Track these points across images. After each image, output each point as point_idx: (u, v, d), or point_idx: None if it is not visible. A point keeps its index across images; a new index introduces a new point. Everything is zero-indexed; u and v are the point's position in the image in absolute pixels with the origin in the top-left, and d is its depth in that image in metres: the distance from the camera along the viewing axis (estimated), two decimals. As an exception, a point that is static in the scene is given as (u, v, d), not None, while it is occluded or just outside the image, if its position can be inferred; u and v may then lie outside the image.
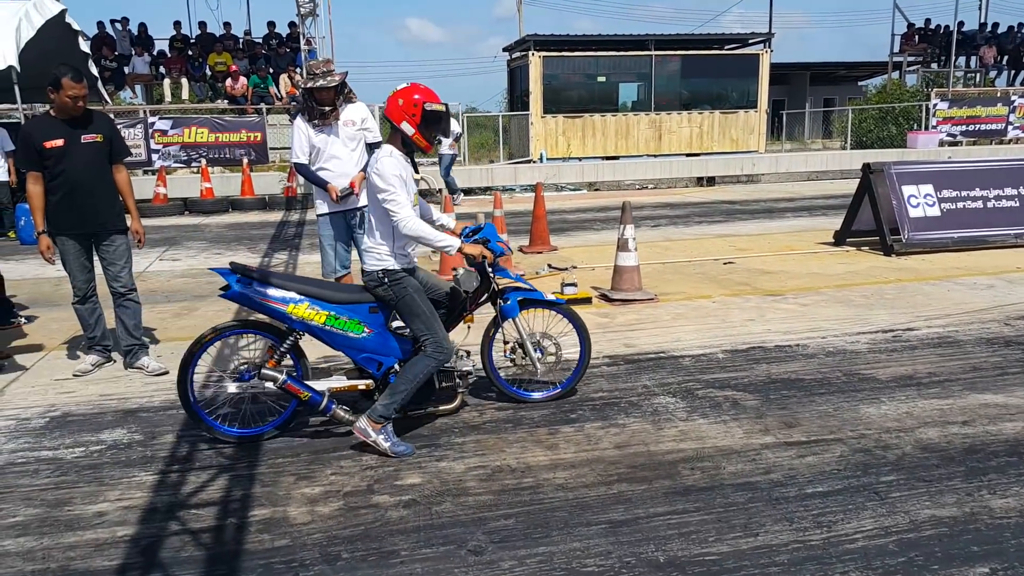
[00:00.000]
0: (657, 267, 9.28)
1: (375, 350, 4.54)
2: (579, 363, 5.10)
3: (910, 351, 5.95)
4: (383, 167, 4.32)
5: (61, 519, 3.67)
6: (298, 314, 4.37)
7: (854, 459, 4.16)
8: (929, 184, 10.18)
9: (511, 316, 4.85)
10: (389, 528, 3.56)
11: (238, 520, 3.65)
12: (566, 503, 3.75)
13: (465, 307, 4.78)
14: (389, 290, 4.44)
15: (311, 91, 6.08)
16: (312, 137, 6.23)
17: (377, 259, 4.44)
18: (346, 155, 6.29)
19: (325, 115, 6.16)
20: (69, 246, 5.65)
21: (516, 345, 4.98)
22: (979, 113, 25.10)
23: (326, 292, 4.48)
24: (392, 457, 4.28)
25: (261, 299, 4.35)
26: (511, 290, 4.89)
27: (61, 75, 5.38)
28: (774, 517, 3.59)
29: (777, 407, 4.88)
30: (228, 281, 4.36)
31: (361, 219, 6.41)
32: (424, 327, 4.46)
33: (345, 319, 4.44)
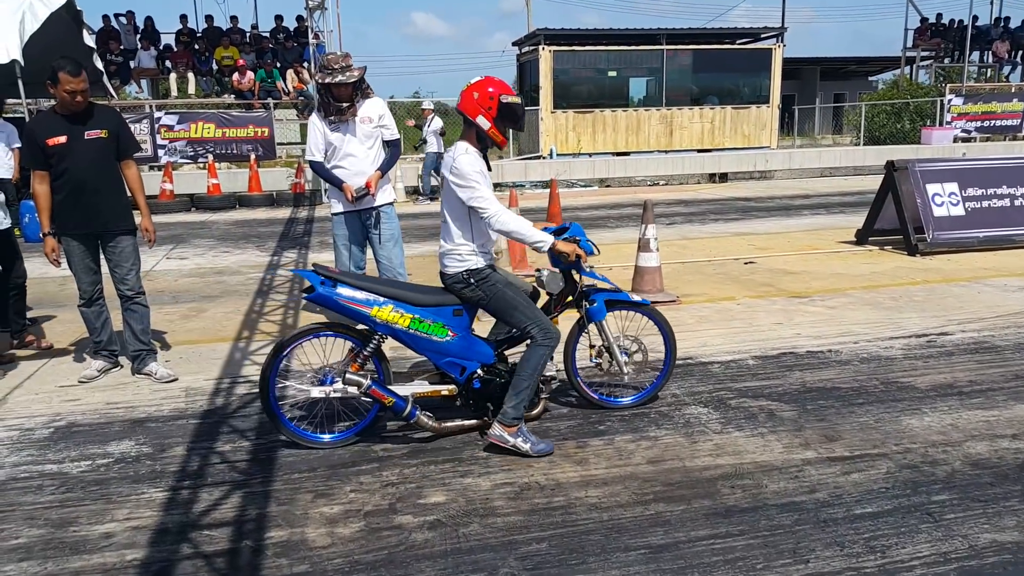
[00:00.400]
0: (676, 267, 9.05)
1: (459, 354, 4.37)
2: (664, 366, 4.91)
3: (947, 357, 5.72)
4: (462, 165, 4.13)
5: (66, 541, 3.46)
6: (382, 317, 4.20)
7: (902, 476, 3.93)
8: (954, 182, 9.93)
9: (598, 319, 4.66)
10: (414, 553, 3.35)
11: (254, 543, 3.44)
12: (601, 525, 3.53)
13: (549, 310, 4.59)
14: (477, 290, 4.28)
15: (328, 87, 5.88)
16: (328, 134, 6.06)
17: (459, 260, 4.27)
18: (362, 153, 6.12)
19: (342, 112, 5.98)
20: (74, 247, 5.44)
21: (603, 349, 4.78)
22: (994, 109, 24.78)
23: (410, 294, 4.30)
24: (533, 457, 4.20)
25: (345, 302, 4.18)
26: (596, 291, 4.71)
27: (58, 68, 5.11)
28: (824, 541, 3.36)
29: (815, 419, 4.66)
30: (312, 283, 4.18)
31: (376, 219, 6.25)
32: (526, 316, 4.29)
33: (429, 322, 4.27)
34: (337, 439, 4.40)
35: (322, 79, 5.91)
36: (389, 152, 6.33)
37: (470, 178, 4.12)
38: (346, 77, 5.85)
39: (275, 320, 7.21)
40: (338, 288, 4.19)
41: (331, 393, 4.26)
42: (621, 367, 4.77)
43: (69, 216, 5.39)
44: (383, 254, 6.31)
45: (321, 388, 4.28)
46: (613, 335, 4.75)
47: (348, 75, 5.85)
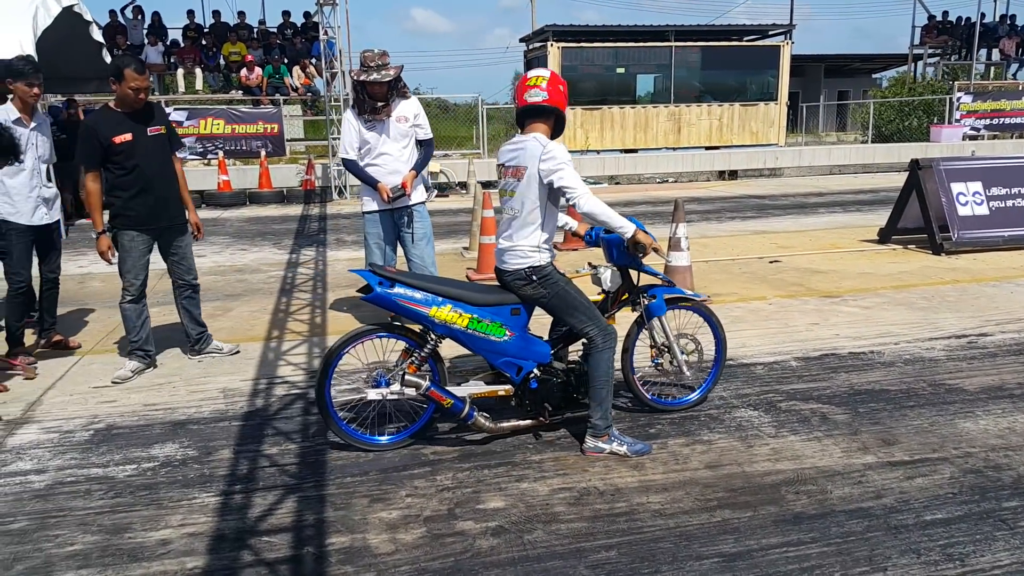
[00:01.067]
0: (701, 266, 8.96)
1: (516, 354, 4.29)
2: (715, 365, 4.86)
3: (991, 359, 5.65)
4: (556, 150, 4.02)
5: (123, 548, 3.38)
6: (441, 317, 4.12)
7: (967, 481, 3.86)
8: (978, 181, 9.86)
9: (658, 315, 4.59)
10: (482, 560, 3.27)
11: (316, 549, 3.36)
12: (668, 532, 3.45)
13: (606, 308, 4.51)
14: (540, 287, 4.17)
15: (364, 84, 5.81)
16: (363, 132, 6.01)
17: (521, 256, 4.16)
18: (397, 152, 6.07)
19: (377, 110, 5.92)
20: (138, 242, 5.51)
21: (663, 348, 4.69)
22: (1003, 106, 24.73)
23: (467, 293, 4.21)
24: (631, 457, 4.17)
25: (404, 302, 4.10)
26: (653, 287, 4.63)
27: (124, 66, 5.22)
28: (899, 548, 3.29)
29: (869, 422, 4.58)
30: (370, 283, 4.09)
31: (409, 218, 6.18)
32: (587, 318, 4.22)
33: (487, 322, 4.19)
34: (394, 440, 4.33)
35: (357, 76, 5.86)
36: (423, 151, 6.28)
37: (563, 159, 4.02)
38: (381, 76, 5.80)
39: (303, 319, 7.12)
40: (396, 288, 4.11)
41: (388, 395, 4.18)
42: (682, 366, 4.67)
43: (139, 213, 5.46)
44: (415, 253, 6.26)
45: (378, 390, 4.19)
46: (671, 333, 4.67)
47: (384, 73, 5.81)
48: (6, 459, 4.26)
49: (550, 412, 4.36)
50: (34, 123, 5.93)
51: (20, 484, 3.97)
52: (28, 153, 5.89)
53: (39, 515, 3.66)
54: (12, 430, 4.67)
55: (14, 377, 5.55)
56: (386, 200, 5.96)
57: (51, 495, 3.85)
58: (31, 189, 5.90)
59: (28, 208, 5.88)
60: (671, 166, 22.08)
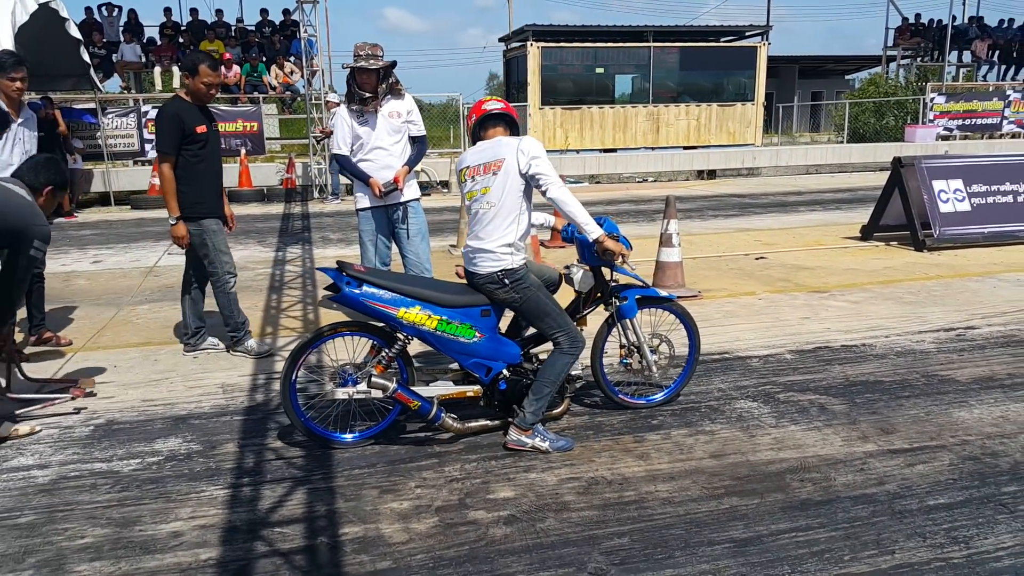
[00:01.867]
0: (689, 263, 8.97)
1: (486, 355, 4.27)
2: (688, 364, 4.86)
3: (980, 351, 5.75)
4: (532, 139, 4.11)
5: (135, 540, 3.37)
6: (409, 319, 4.08)
7: (966, 468, 3.94)
8: (959, 179, 10.01)
9: (630, 316, 4.57)
10: (496, 548, 3.29)
11: (330, 540, 3.37)
12: (679, 519, 3.49)
13: (579, 308, 4.52)
14: (512, 292, 4.15)
15: (354, 73, 5.88)
16: (355, 127, 6.00)
17: (493, 259, 4.13)
18: (389, 147, 6.06)
19: (365, 101, 5.90)
20: (218, 228, 5.71)
21: (633, 348, 4.67)
22: (975, 108, 25.06)
23: (437, 294, 4.18)
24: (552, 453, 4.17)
25: (371, 303, 4.05)
26: (626, 287, 4.62)
27: (199, 61, 5.34)
28: (905, 532, 3.35)
29: (867, 412, 4.65)
30: (337, 283, 4.05)
31: (404, 214, 6.17)
32: (556, 323, 4.21)
33: (457, 324, 4.16)
34: (358, 439, 4.29)
35: (349, 65, 5.90)
36: (416, 147, 6.26)
37: (542, 151, 4.08)
38: (369, 64, 5.77)
39: (296, 316, 7.10)
40: (364, 288, 4.06)
41: (355, 395, 4.14)
42: (651, 366, 4.65)
43: (211, 201, 5.66)
44: (411, 249, 6.24)
45: (344, 390, 4.14)
46: (643, 334, 4.67)
47: (371, 62, 5.78)
48: (7, 454, 4.22)
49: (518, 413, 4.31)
50: (21, 118, 5.87)
51: (24, 479, 3.93)
52: (15, 148, 5.84)
53: (46, 509, 3.63)
54: (11, 425, 4.62)
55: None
56: (377, 195, 5.94)
57: (56, 489, 3.83)
58: None
59: None
60: (650, 165, 22.20)
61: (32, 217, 4.27)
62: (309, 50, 18.59)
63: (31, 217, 4.26)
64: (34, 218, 4.28)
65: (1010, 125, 25.40)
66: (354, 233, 12.56)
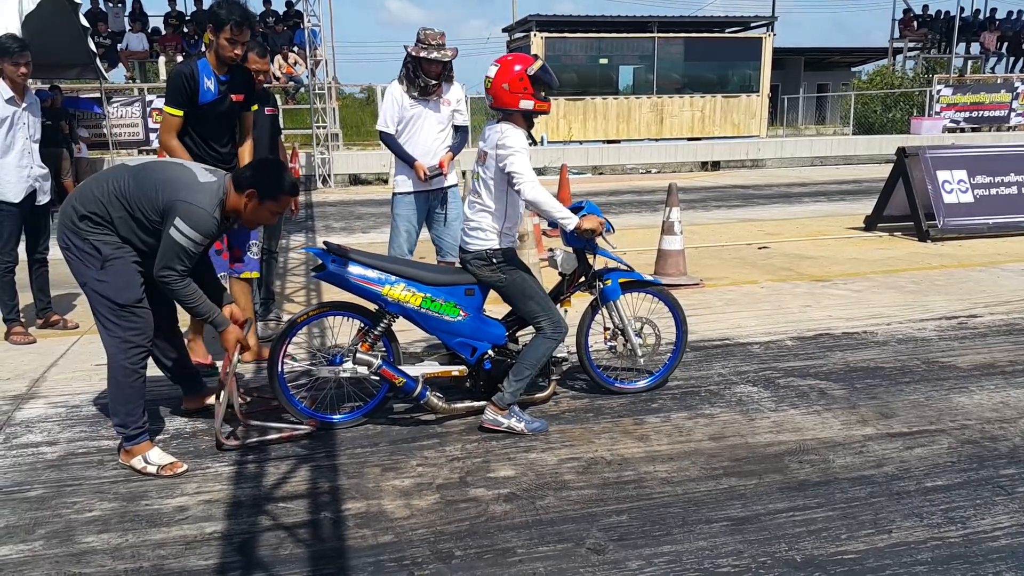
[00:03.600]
0: (691, 252, 9.02)
1: (470, 334, 4.31)
2: (675, 350, 4.86)
3: (981, 338, 5.77)
4: (509, 135, 4.07)
5: (141, 514, 3.42)
6: (394, 296, 4.14)
7: (964, 451, 3.97)
8: (963, 169, 10.02)
9: (612, 298, 4.59)
10: (496, 524, 3.33)
11: (332, 515, 3.41)
12: (677, 498, 3.53)
13: (562, 290, 4.54)
14: (497, 271, 4.20)
15: (419, 61, 5.64)
16: (405, 108, 5.79)
17: (483, 239, 4.19)
18: (435, 133, 5.87)
19: (429, 90, 5.74)
20: None
21: (617, 331, 4.70)
22: (982, 100, 25.03)
23: (422, 273, 4.24)
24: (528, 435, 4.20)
25: (356, 280, 4.11)
26: (609, 271, 4.64)
27: (248, 49, 5.17)
28: (902, 513, 3.39)
29: (867, 396, 4.69)
30: (323, 261, 4.11)
31: (443, 200, 6.02)
32: (539, 307, 4.24)
33: (441, 302, 4.21)
34: (346, 419, 4.33)
35: (416, 52, 5.63)
36: (459, 136, 6.12)
37: (516, 146, 4.04)
38: (440, 55, 5.61)
39: (299, 301, 7.16)
40: (349, 267, 4.11)
41: (341, 373, 4.20)
42: (636, 349, 4.67)
43: None
44: (449, 234, 6.03)
45: (331, 368, 4.21)
46: (628, 317, 4.68)
47: (443, 53, 5.62)
48: (16, 432, 4.28)
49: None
50: (26, 102, 5.91)
51: (33, 455, 3.99)
52: (19, 132, 5.89)
53: (55, 483, 3.69)
54: (19, 405, 4.68)
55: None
56: (422, 178, 5.75)
57: (65, 465, 3.88)
58: (22, 169, 5.89)
59: (19, 188, 5.87)
60: (654, 157, 22.20)
61: (185, 192, 3.62)
62: (313, 40, 18.60)
63: (185, 192, 3.63)
64: (189, 193, 3.62)
65: (1018, 117, 25.36)
66: (357, 222, 12.67)
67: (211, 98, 4.83)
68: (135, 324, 3.74)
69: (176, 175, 3.70)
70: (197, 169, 3.81)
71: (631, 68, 24.04)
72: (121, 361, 3.73)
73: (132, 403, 3.79)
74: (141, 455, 3.80)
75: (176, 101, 4.79)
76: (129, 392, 3.77)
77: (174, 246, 3.58)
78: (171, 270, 3.60)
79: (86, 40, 15.24)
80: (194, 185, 3.66)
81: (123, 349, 3.73)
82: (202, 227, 3.60)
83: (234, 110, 5.06)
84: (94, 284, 3.69)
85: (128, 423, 3.78)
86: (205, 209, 3.60)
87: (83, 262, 3.70)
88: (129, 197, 3.64)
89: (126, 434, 3.80)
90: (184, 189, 3.62)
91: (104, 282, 3.68)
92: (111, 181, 3.69)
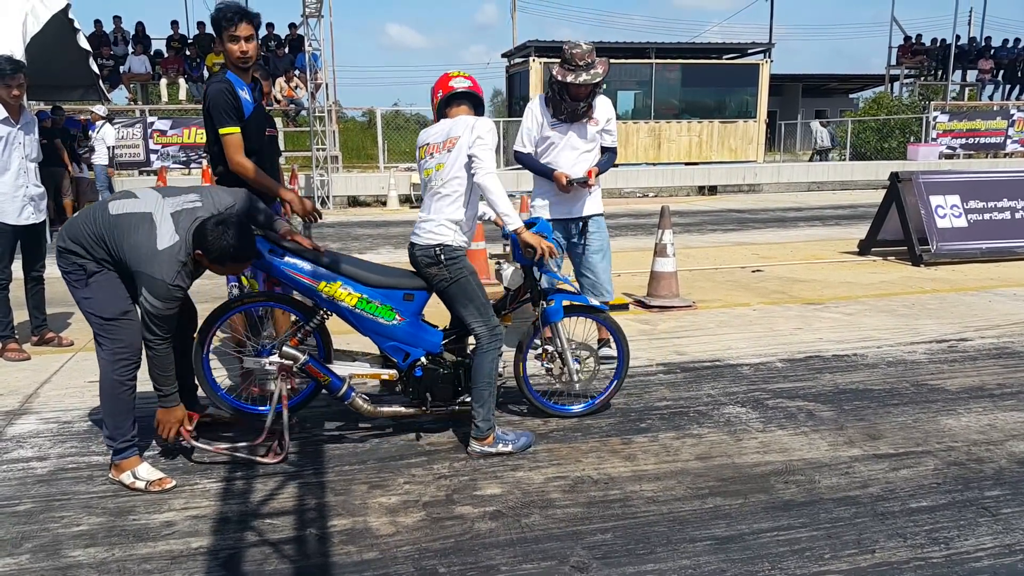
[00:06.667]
0: (684, 274, 9.06)
1: (404, 339, 4.25)
2: (615, 376, 4.78)
3: (971, 362, 5.80)
4: (486, 123, 4.11)
5: (128, 529, 3.43)
6: (328, 292, 4.09)
7: (950, 473, 3.98)
8: (956, 194, 10.07)
9: (554, 320, 4.53)
10: (481, 541, 3.35)
11: (318, 531, 3.43)
12: (662, 517, 3.55)
13: (504, 306, 4.51)
14: (444, 270, 4.14)
15: (566, 85, 5.17)
16: (546, 128, 5.39)
17: (435, 232, 4.13)
18: (578, 155, 5.42)
19: (577, 115, 5.31)
20: None
21: (555, 354, 4.64)
22: (979, 126, 25.19)
23: (360, 272, 4.16)
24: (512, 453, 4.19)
25: (291, 271, 4.07)
26: (555, 291, 4.59)
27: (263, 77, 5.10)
28: (885, 533, 3.40)
29: (854, 418, 4.71)
30: (259, 248, 4.01)
31: (583, 228, 5.56)
32: (478, 312, 4.19)
33: (377, 303, 4.15)
34: (268, 411, 4.23)
35: (561, 77, 5.13)
36: (606, 156, 5.60)
37: (490, 138, 4.06)
38: (591, 76, 5.09)
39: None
40: (285, 257, 4.06)
41: (266, 365, 4.14)
42: (572, 375, 4.58)
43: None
44: (588, 265, 5.62)
45: (256, 359, 4.17)
46: (568, 341, 4.60)
47: (593, 74, 5.10)
48: (7, 447, 4.30)
49: (432, 403, 4.32)
50: (21, 122, 5.97)
51: (23, 470, 4.01)
52: (15, 152, 5.93)
53: (44, 498, 3.70)
54: (11, 420, 4.70)
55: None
56: (563, 187, 5.28)
57: (54, 480, 3.90)
58: (17, 188, 5.93)
59: (14, 208, 5.92)
60: (651, 181, 22.30)
61: (145, 263, 3.61)
62: (314, 64, 18.74)
63: (145, 263, 3.61)
64: (148, 265, 3.60)
65: (1014, 144, 25.50)
66: (354, 243, 12.72)
67: (251, 108, 4.66)
68: (121, 337, 3.77)
69: (139, 241, 3.63)
70: (164, 223, 3.67)
71: (630, 93, 24.21)
72: (110, 374, 3.78)
73: (120, 416, 3.81)
74: (130, 470, 3.82)
75: (230, 120, 4.53)
76: (118, 404, 3.80)
77: (144, 314, 3.66)
78: (150, 334, 3.70)
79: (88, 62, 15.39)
80: (152, 256, 3.61)
81: (111, 362, 3.78)
82: (162, 296, 3.62)
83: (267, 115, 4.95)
84: (83, 303, 3.77)
85: (116, 436, 3.81)
86: (164, 280, 3.60)
87: (73, 283, 3.78)
88: (108, 245, 3.70)
89: (114, 447, 3.82)
90: (145, 261, 3.61)
91: (90, 299, 3.74)
92: (96, 223, 3.72)
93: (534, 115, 5.42)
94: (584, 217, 5.51)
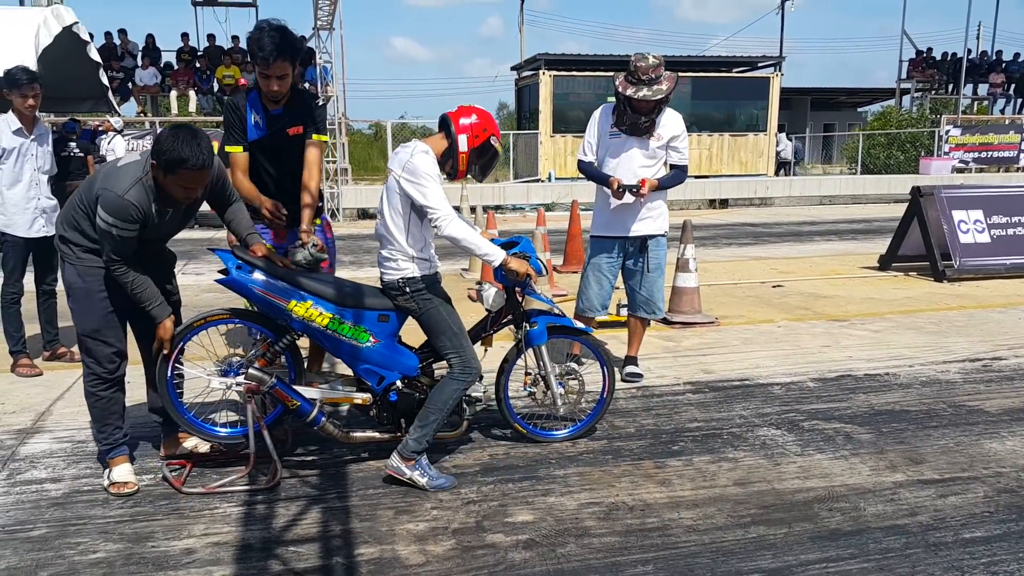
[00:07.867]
0: (704, 290, 8.89)
1: (379, 362, 4.06)
2: (600, 401, 4.61)
3: (1008, 382, 5.63)
4: (417, 162, 3.86)
5: (147, 556, 3.28)
6: (299, 313, 3.89)
7: (1002, 501, 3.82)
8: (979, 209, 9.92)
9: (537, 343, 4.36)
10: (515, 572, 3.19)
11: (345, 560, 3.28)
12: (704, 548, 3.39)
13: (485, 328, 4.34)
14: (411, 301, 4.00)
15: (630, 100, 5.03)
16: (604, 136, 5.29)
17: (395, 268, 3.99)
18: (638, 169, 5.22)
19: (640, 129, 5.15)
20: None
21: (539, 377, 4.47)
22: (991, 140, 25.04)
23: (332, 292, 3.98)
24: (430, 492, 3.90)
25: (260, 290, 3.87)
26: (538, 313, 4.43)
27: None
28: (941, 566, 3.24)
29: (894, 441, 4.54)
30: (227, 265, 3.87)
31: (641, 247, 5.43)
32: (450, 344, 4.03)
33: (350, 324, 3.96)
34: (233, 434, 4.14)
35: (623, 90, 5.01)
36: (673, 172, 5.42)
37: (422, 176, 3.84)
38: (651, 92, 4.94)
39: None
40: (254, 274, 3.88)
41: (232, 386, 3.96)
42: (556, 399, 4.43)
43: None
44: (644, 283, 5.50)
45: (222, 379, 3.99)
46: (551, 365, 4.43)
47: (655, 89, 4.95)
48: (20, 467, 4.16)
49: (406, 428, 4.10)
50: (35, 134, 5.86)
51: (37, 492, 3.87)
52: (27, 164, 5.82)
53: (59, 523, 3.56)
54: (24, 439, 4.56)
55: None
56: (614, 192, 5.12)
57: (69, 503, 3.76)
58: (28, 200, 5.82)
59: (25, 220, 5.80)
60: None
61: (103, 179, 3.60)
62: (324, 77, 18.66)
63: (102, 179, 3.61)
64: (104, 180, 3.59)
65: (1027, 159, 25.35)
66: (366, 256, 12.60)
67: (256, 135, 4.50)
68: (91, 352, 3.87)
69: (106, 169, 3.73)
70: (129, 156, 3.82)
71: (640, 106, 24.08)
72: (85, 384, 3.95)
73: (100, 422, 3.96)
74: (108, 469, 3.94)
75: (232, 138, 4.47)
76: (94, 411, 3.96)
77: (101, 234, 3.60)
78: (109, 258, 3.64)
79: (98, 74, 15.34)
80: (111, 171, 3.65)
81: (86, 373, 3.94)
82: (114, 211, 3.51)
83: (294, 144, 4.60)
84: (71, 312, 3.90)
85: (99, 438, 3.99)
86: (115, 192, 3.51)
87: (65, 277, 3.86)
88: (85, 201, 3.70)
89: (100, 448, 3.99)
90: (103, 177, 3.63)
91: (72, 310, 3.86)
92: (76, 195, 3.79)
93: (597, 123, 5.33)
94: (643, 236, 5.39)
